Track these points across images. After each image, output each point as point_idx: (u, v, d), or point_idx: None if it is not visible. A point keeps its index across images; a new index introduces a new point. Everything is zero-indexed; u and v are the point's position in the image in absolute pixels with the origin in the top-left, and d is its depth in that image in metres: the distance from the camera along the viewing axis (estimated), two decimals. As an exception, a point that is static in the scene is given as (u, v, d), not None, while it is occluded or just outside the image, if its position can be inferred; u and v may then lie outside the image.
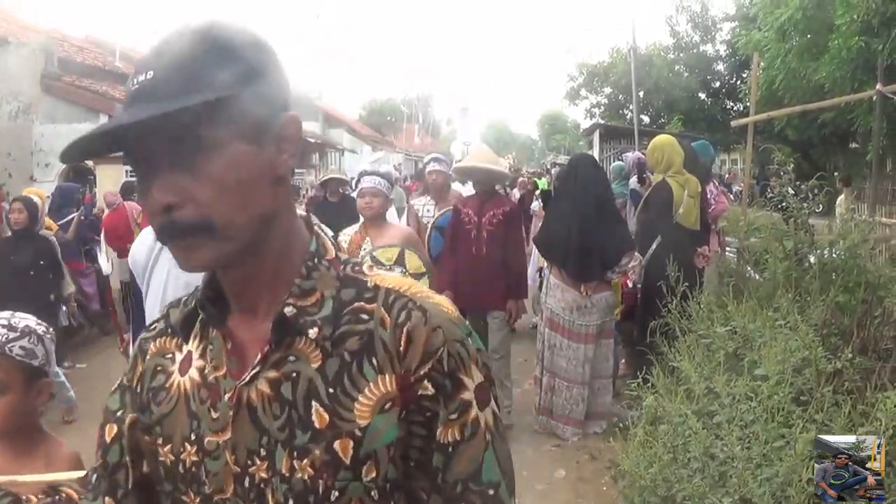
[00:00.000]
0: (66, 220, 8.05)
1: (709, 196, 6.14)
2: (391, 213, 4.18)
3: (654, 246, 5.27)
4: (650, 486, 2.84)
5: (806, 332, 3.04)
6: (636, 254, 5.29)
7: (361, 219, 4.41)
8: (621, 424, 4.38)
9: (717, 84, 30.20)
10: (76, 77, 13.17)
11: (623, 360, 6.36)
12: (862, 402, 2.65)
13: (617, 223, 5.35)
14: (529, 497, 4.34)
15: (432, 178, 6.06)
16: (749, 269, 5.17)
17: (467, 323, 1.04)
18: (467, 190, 8.70)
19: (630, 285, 5.76)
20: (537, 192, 11.29)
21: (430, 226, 5.84)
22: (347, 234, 4.27)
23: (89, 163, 11.51)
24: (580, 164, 5.51)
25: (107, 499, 1.08)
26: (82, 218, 8.24)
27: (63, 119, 12.22)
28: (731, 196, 10.83)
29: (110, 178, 10.80)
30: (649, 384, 3.44)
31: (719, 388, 2.91)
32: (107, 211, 8.80)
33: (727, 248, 6.86)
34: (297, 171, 17.78)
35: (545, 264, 6.08)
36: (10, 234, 6.30)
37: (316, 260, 1.02)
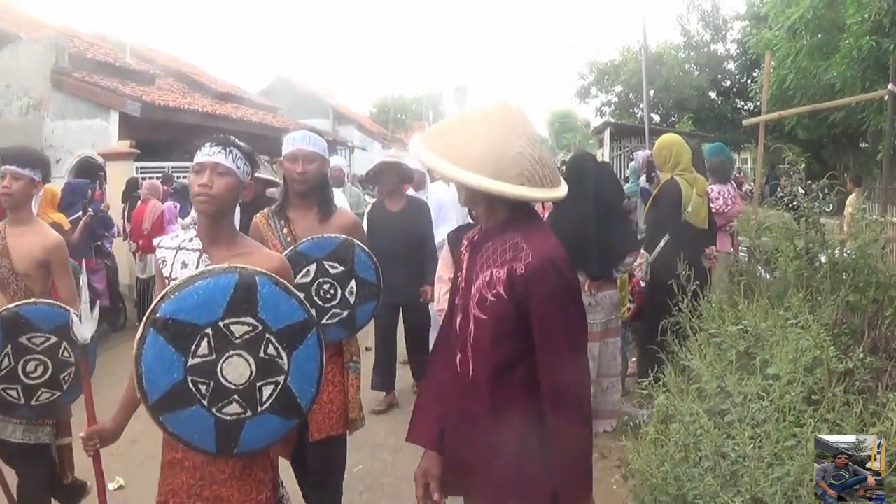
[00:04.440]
0: (75, 216, 8.08)
1: (726, 197, 6.15)
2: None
3: (661, 244, 5.24)
4: (661, 484, 2.83)
5: (817, 331, 3.03)
6: (643, 252, 5.27)
7: None
8: (631, 423, 4.38)
9: (728, 83, 30.19)
10: (87, 73, 13.22)
11: (633, 360, 6.34)
12: (873, 401, 2.65)
13: (621, 222, 5.30)
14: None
15: (198, 185, 2.39)
16: (760, 268, 5.15)
17: None
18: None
19: (642, 285, 5.73)
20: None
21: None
22: None
23: (100, 159, 11.56)
24: (583, 163, 5.32)
25: None
26: (91, 214, 8.25)
27: (73, 115, 12.28)
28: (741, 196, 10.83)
29: (120, 175, 10.83)
30: (661, 383, 3.43)
31: (731, 387, 2.90)
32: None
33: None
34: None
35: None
36: None
37: None
